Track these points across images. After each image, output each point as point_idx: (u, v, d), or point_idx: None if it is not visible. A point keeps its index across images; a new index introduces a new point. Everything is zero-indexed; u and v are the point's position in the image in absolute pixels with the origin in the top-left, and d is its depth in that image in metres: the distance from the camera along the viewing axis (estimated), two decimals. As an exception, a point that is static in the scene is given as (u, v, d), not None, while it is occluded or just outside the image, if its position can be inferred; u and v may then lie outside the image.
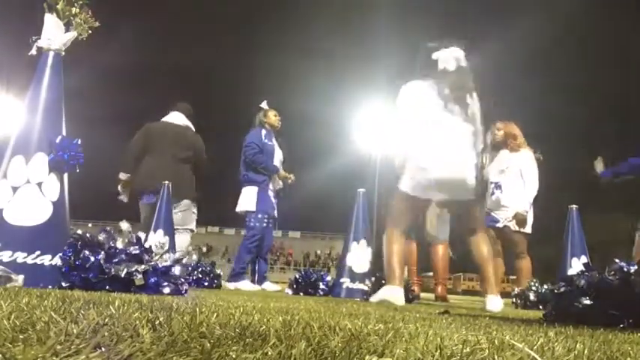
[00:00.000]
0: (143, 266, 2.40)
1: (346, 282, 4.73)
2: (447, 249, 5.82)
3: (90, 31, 2.65)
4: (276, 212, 5.72)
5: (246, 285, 5.36)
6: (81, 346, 0.54)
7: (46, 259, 2.30)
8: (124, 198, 5.10)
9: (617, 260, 1.91)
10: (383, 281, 4.54)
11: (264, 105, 5.85)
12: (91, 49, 3.10)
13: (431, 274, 6.08)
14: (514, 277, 5.59)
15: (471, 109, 3.42)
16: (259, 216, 5.52)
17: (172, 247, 4.43)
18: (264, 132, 5.68)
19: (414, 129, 3.43)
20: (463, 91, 3.41)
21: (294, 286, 4.98)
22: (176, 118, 5.27)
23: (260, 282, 5.75)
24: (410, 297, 4.62)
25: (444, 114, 3.37)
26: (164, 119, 5.29)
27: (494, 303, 3.30)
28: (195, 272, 4.88)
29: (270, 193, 5.64)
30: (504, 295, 7.36)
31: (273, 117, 5.78)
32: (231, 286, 5.36)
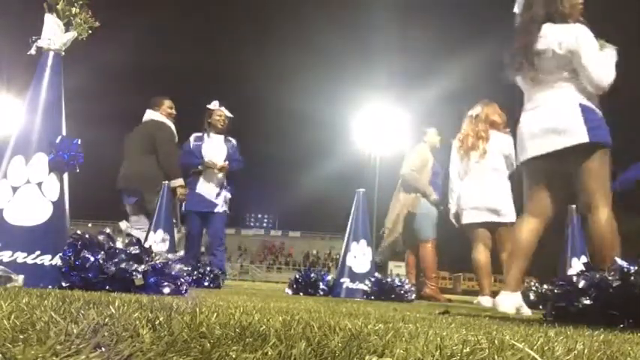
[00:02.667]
0: (143, 266, 2.40)
1: (346, 282, 4.73)
2: (434, 247, 5.87)
3: (90, 31, 2.65)
4: (208, 205, 5.61)
5: None
6: (81, 346, 0.54)
7: (46, 259, 2.30)
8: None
9: (617, 260, 1.91)
10: (383, 281, 4.56)
11: (211, 105, 5.84)
12: (91, 49, 3.10)
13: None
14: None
15: None
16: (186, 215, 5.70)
17: (172, 248, 4.46)
18: (194, 136, 5.75)
19: None
20: None
21: (294, 286, 4.97)
22: (146, 116, 5.27)
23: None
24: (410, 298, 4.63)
25: None
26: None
27: None
28: (195, 272, 4.88)
29: (202, 188, 5.60)
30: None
31: (215, 118, 5.80)
32: None
